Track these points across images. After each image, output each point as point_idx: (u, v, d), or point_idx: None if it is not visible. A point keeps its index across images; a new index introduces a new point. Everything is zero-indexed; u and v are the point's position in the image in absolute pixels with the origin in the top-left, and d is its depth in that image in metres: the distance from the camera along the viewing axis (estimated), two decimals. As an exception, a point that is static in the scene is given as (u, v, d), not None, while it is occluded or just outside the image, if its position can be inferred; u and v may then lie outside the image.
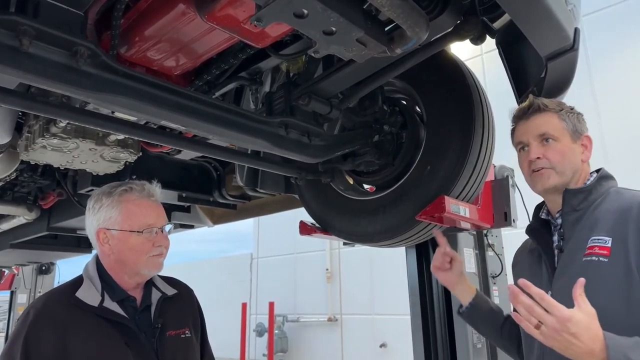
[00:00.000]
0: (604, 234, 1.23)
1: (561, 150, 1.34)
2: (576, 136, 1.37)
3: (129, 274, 1.44)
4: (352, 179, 2.30)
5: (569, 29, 1.38)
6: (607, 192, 1.33)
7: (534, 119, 1.38)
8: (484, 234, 2.88)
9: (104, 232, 1.42)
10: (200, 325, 1.62)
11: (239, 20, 1.42)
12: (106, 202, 1.43)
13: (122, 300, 1.42)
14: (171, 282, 1.62)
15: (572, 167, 1.35)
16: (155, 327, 1.43)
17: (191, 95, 1.55)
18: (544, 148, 1.35)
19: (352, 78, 1.75)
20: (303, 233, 2.33)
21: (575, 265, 1.26)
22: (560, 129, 1.35)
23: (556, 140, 1.35)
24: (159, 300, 1.49)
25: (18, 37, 1.14)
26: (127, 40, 1.62)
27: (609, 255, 1.20)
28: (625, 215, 1.22)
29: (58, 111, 1.42)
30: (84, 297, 1.36)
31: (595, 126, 6.20)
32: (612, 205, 1.28)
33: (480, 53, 7.19)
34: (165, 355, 1.40)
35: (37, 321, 1.29)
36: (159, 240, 1.45)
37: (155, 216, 1.47)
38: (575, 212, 1.32)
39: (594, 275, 1.20)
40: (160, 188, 1.56)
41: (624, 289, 1.16)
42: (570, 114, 1.38)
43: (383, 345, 8.24)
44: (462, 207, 1.85)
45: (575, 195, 1.33)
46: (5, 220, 3.55)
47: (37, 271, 6.77)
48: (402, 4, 1.13)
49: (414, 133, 2.04)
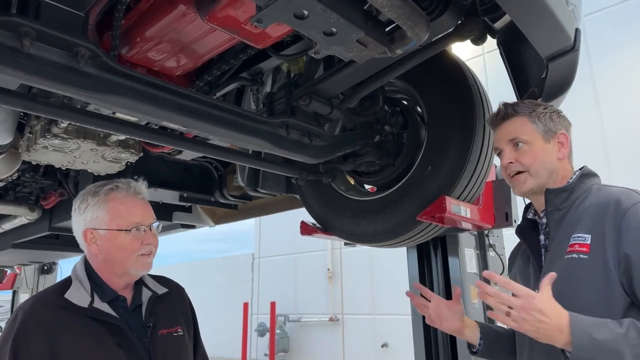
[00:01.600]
0: (584, 231, 1.26)
1: (533, 153, 1.36)
2: (549, 136, 1.37)
3: (117, 274, 1.41)
4: (353, 180, 2.30)
5: (569, 30, 1.37)
6: (589, 190, 1.34)
7: (505, 125, 1.41)
8: (485, 234, 2.88)
9: (91, 232, 1.40)
10: (193, 323, 1.61)
11: (240, 21, 1.42)
12: (92, 202, 1.41)
13: (112, 300, 1.39)
14: (162, 280, 1.60)
15: (547, 168, 1.36)
16: (147, 326, 1.41)
17: (192, 95, 1.55)
18: (517, 153, 1.37)
19: (353, 78, 1.75)
20: (304, 233, 2.33)
21: (559, 263, 1.28)
22: (530, 132, 1.37)
23: (527, 143, 1.36)
24: (149, 300, 1.47)
25: (19, 38, 1.14)
26: (128, 41, 1.62)
27: (589, 252, 1.22)
28: (603, 212, 1.24)
29: (59, 112, 1.42)
30: (73, 298, 1.34)
31: (597, 125, 6.19)
32: (592, 203, 1.30)
33: (482, 52, 7.18)
34: (158, 355, 1.39)
35: (24, 324, 1.27)
36: (147, 238, 1.42)
37: (143, 214, 1.44)
38: (558, 211, 1.34)
39: (575, 272, 1.23)
40: (146, 186, 1.53)
41: (603, 285, 1.19)
42: (542, 114, 1.39)
43: (384, 345, 8.24)
44: (463, 207, 1.85)
45: (557, 194, 1.35)
46: (7, 220, 3.55)
47: (39, 271, 6.78)
48: (402, 5, 1.13)
49: (415, 133, 2.04)
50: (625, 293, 1.17)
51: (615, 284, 1.17)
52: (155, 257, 1.48)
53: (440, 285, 2.71)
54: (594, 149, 5.94)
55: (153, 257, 1.46)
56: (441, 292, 2.70)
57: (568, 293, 1.21)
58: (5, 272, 6.78)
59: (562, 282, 1.22)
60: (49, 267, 6.75)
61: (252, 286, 11.30)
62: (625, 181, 1.41)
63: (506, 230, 2.76)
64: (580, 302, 1.19)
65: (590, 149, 5.82)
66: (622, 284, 1.17)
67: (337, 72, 1.72)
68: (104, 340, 1.31)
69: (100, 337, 1.31)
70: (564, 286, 1.23)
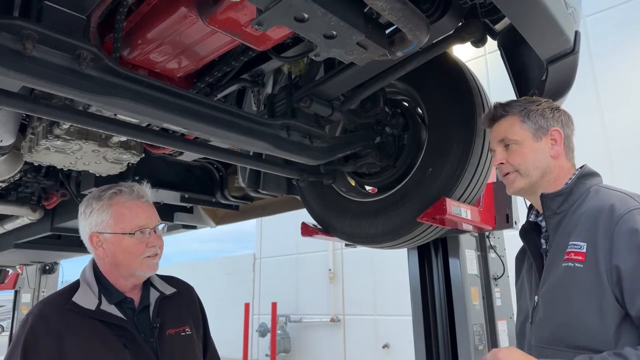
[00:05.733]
0: (580, 239, 1.21)
1: (522, 153, 1.33)
2: (540, 133, 1.33)
3: (124, 276, 1.44)
4: (354, 181, 2.30)
5: (569, 33, 1.38)
6: (587, 192, 1.29)
7: (496, 126, 1.39)
8: (486, 235, 2.88)
9: (96, 236, 1.42)
10: (202, 322, 1.63)
11: (241, 24, 1.43)
12: (96, 207, 1.43)
13: (119, 302, 1.42)
14: (170, 281, 1.62)
15: (537, 167, 1.32)
16: (154, 326, 1.43)
17: (193, 97, 1.55)
18: (507, 153, 1.35)
19: (353, 80, 1.76)
20: (305, 235, 2.33)
21: (556, 270, 1.24)
22: (519, 132, 1.34)
23: (517, 143, 1.34)
24: (157, 300, 1.49)
25: (21, 41, 1.15)
26: (130, 43, 1.63)
27: (584, 260, 1.18)
28: (597, 219, 1.19)
29: (61, 113, 1.43)
30: (80, 301, 1.36)
31: (599, 126, 6.18)
32: (588, 207, 1.25)
33: (484, 53, 7.18)
34: (165, 355, 1.40)
35: (34, 327, 1.31)
36: (152, 240, 1.44)
37: (147, 217, 1.46)
38: (556, 215, 1.31)
39: (570, 281, 1.19)
40: (150, 188, 1.54)
41: (596, 296, 1.13)
42: (533, 112, 1.35)
43: (385, 346, 8.23)
44: (463, 209, 1.85)
45: (553, 199, 1.31)
46: (10, 220, 3.57)
47: (40, 271, 6.80)
48: (402, 8, 1.14)
49: (415, 135, 2.04)
50: (619, 304, 1.11)
51: (608, 295, 1.12)
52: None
53: (441, 287, 2.71)
54: (596, 150, 5.93)
55: (159, 258, 1.48)
56: (442, 293, 2.70)
57: (562, 303, 1.19)
58: (7, 272, 6.80)
59: (557, 290, 1.21)
60: (50, 267, 6.77)
61: (253, 286, 11.30)
62: (628, 181, 1.40)
63: (507, 231, 2.76)
64: (572, 311, 1.16)
65: (592, 149, 5.82)
66: (615, 295, 1.11)
67: (338, 74, 1.72)
68: (111, 342, 1.33)
69: (107, 339, 1.33)
70: (559, 295, 1.21)
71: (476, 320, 2.65)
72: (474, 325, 2.62)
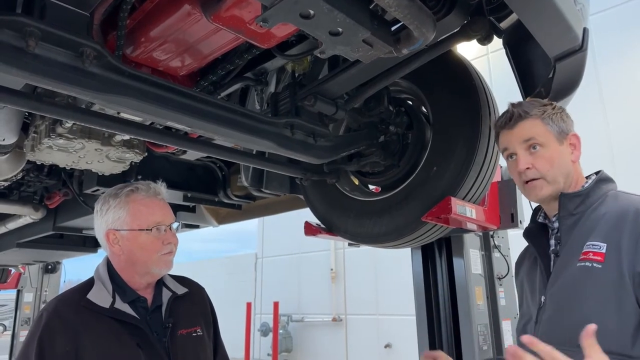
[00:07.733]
0: (599, 239, 1.20)
1: (549, 157, 1.29)
2: (562, 137, 1.31)
3: (140, 274, 1.45)
4: (358, 180, 2.29)
5: (577, 29, 1.36)
6: (604, 196, 1.29)
7: (518, 126, 1.33)
8: (491, 235, 2.87)
9: (113, 233, 1.43)
10: (213, 323, 1.64)
11: (245, 21, 1.42)
12: (113, 204, 1.45)
13: (133, 301, 1.43)
14: (182, 281, 1.63)
15: (563, 172, 1.30)
16: (166, 326, 1.44)
17: (196, 95, 1.54)
18: (532, 157, 1.30)
19: (358, 79, 1.74)
20: (308, 234, 2.32)
21: (570, 270, 1.23)
22: (545, 134, 1.30)
23: (543, 146, 1.30)
24: (169, 300, 1.50)
25: (24, 38, 1.14)
26: (133, 41, 1.62)
27: (603, 261, 1.16)
28: (620, 221, 1.18)
29: (64, 112, 1.42)
30: (95, 299, 1.38)
31: (602, 126, 6.16)
32: (608, 210, 1.24)
33: (487, 52, 7.16)
34: (176, 354, 1.41)
35: (49, 324, 1.31)
36: (168, 238, 1.46)
37: (163, 214, 1.48)
38: (572, 216, 1.29)
39: (587, 281, 1.18)
40: (165, 187, 1.57)
41: (616, 296, 1.12)
42: (553, 115, 1.32)
43: (388, 345, 8.23)
44: (468, 208, 1.84)
45: (571, 199, 1.29)
46: (12, 219, 3.57)
47: (43, 270, 6.81)
48: (409, 5, 1.12)
49: (420, 134, 2.03)
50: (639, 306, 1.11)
51: (628, 296, 1.11)
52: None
53: (445, 287, 2.70)
54: (599, 150, 5.91)
55: (174, 255, 1.50)
56: (446, 293, 2.69)
57: (576, 303, 1.18)
58: (9, 271, 6.81)
59: (571, 289, 1.19)
60: (53, 266, 6.78)
61: (255, 286, 11.30)
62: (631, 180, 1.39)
63: (511, 231, 2.75)
64: (588, 311, 1.14)
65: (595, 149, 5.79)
66: (637, 297, 1.10)
67: (342, 72, 1.71)
68: (125, 340, 1.34)
69: (121, 337, 1.34)
70: (573, 294, 1.19)
71: (480, 320, 2.64)
72: (478, 325, 2.61)
